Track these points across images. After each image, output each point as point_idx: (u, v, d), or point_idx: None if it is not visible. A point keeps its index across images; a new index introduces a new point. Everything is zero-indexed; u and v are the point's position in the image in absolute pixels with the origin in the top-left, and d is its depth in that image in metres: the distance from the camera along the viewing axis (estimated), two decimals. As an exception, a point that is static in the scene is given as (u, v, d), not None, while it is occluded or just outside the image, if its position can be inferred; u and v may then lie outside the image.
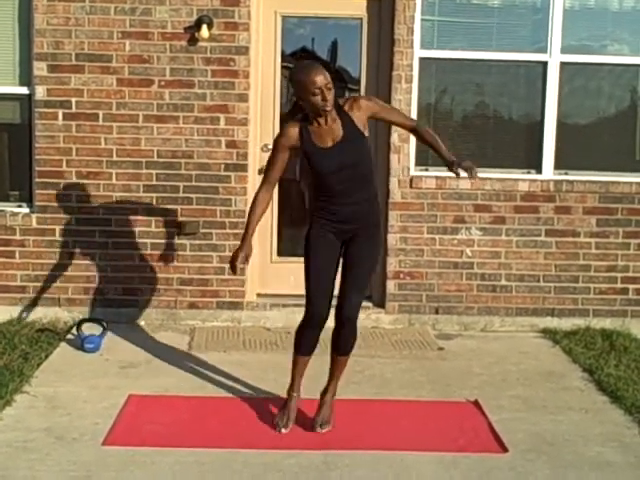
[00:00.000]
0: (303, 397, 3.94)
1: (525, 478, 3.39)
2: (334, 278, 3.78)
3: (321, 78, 3.54)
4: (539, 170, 5.60)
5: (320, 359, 3.93)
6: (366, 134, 3.71)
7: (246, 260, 3.80)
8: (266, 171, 3.80)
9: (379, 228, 3.90)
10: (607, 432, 3.85)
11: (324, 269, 3.73)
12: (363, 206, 3.75)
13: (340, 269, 3.80)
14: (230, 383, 4.41)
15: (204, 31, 5.28)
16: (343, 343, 3.82)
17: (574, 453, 3.62)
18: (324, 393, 3.90)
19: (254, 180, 5.59)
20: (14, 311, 5.40)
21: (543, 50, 5.54)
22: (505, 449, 3.64)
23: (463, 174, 3.70)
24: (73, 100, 5.32)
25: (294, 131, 3.68)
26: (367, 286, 3.92)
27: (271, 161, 3.76)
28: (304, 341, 3.81)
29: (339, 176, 3.65)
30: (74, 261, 5.44)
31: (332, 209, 3.72)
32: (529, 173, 5.61)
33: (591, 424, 3.94)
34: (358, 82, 5.66)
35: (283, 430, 3.77)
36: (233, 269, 3.77)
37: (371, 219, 3.80)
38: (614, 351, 4.98)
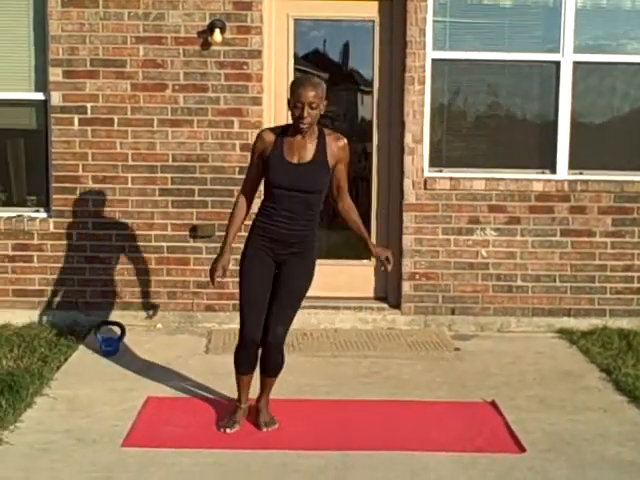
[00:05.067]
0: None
1: (544, 477, 3.38)
2: (267, 299, 3.72)
3: (308, 95, 3.51)
4: (553, 170, 5.58)
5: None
6: (330, 169, 3.68)
7: (224, 272, 3.78)
8: (245, 178, 3.83)
9: (313, 253, 3.80)
10: (626, 431, 3.84)
11: (257, 290, 3.70)
12: (301, 232, 3.71)
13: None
14: (247, 385, 4.43)
15: (217, 35, 5.31)
16: (271, 367, 3.81)
17: (593, 452, 3.61)
18: (258, 401, 3.92)
19: (269, 183, 5.62)
20: (33, 315, 5.44)
21: (556, 50, 5.53)
22: (523, 449, 3.63)
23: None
24: (88, 105, 5.37)
25: (269, 136, 3.67)
26: (293, 314, 3.79)
27: (248, 167, 3.81)
28: (241, 361, 3.83)
29: (289, 195, 3.64)
30: (91, 265, 5.48)
31: (271, 228, 3.69)
32: (543, 173, 5.60)
33: (609, 423, 3.94)
34: (370, 84, 5.67)
35: (228, 430, 3.78)
36: (212, 281, 3.80)
37: (306, 245, 3.74)
38: (631, 351, 4.96)
